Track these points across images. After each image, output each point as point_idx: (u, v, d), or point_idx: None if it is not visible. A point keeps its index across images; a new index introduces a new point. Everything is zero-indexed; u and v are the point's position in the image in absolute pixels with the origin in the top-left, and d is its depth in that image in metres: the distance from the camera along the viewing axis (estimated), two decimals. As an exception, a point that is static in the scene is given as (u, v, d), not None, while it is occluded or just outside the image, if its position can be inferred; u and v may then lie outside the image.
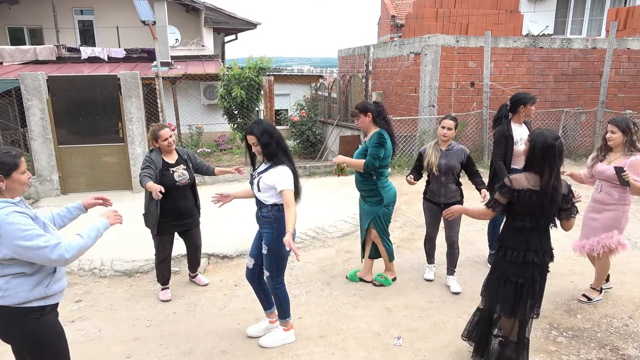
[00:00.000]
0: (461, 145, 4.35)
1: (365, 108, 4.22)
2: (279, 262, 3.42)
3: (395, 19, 21.51)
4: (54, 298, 2.38)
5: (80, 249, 2.26)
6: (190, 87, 12.71)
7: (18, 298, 2.23)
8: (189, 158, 4.29)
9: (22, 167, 2.29)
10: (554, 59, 9.92)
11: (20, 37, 15.06)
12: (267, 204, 3.29)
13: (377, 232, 4.43)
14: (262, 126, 3.24)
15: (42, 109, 7.40)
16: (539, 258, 2.88)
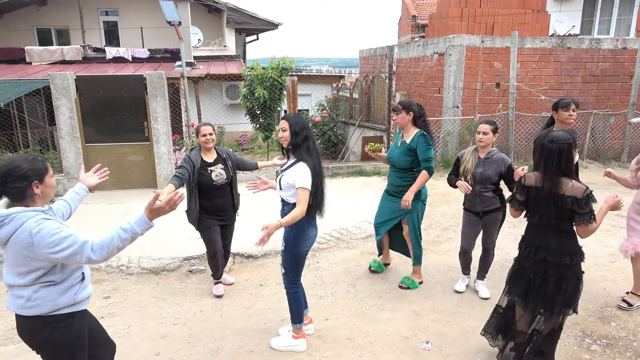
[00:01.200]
0: (502, 155, 4.08)
1: (410, 106, 4.23)
2: (294, 261, 3.38)
3: (417, 19, 21.36)
4: (81, 304, 2.37)
5: (109, 249, 2.15)
6: (212, 87, 12.81)
7: (48, 306, 2.22)
8: (228, 157, 4.28)
9: (50, 170, 2.31)
10: (582, 60, 9.71)
11: (48, 37, 15.38)
12: (290, 202, 3.25)
13: (410, 228, 4.42)
14: (298, 118, 3.27)
15: (71, 108, 7.53)
16: (553, 257, 2.88)
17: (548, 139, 2.86)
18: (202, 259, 5.22)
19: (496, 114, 9.34)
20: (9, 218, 2.09)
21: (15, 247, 2.10)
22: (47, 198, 2.29)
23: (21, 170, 2.14)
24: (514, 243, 5.50)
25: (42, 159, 2.27)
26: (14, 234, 2.09)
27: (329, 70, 42.60)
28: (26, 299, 2.19)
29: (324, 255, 5.32)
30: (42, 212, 2.18)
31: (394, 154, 4.35)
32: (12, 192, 2.15)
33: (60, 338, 2.29)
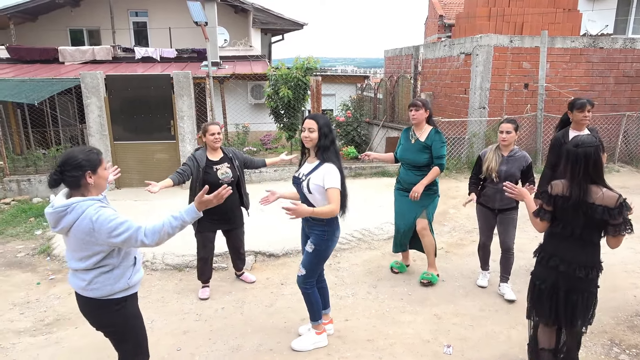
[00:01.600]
0: (524, 152, 4.17)
1: (427, 104, 4.37)
2: (320, 263, 3.36)
3: (443, 19, 21.11)
4: (134, 288, 2.58)
5: (160, 234, 2.33)
6: (237, 86, 12.93)
7: (106, 290, 2.42)
8: (235, 156, 4.27)
9: (104, 162, 2.47)
10: (615, 60, 9.42)
11: (80, 38, 15.80)
12: (319, 205, 3.15)
13: (428, 222, 4.50)
14: (326, 119, 3.21)
15: (100, 107, 7.72)
16: (566, 268, 2.74)
17: (573, 143, 2.70)
18: (224, 257, 5.27)
19: (524, 115, 9.14)
20: (70, 207, 2.28)
21: (78, 234, 2.29)
22: (100, 189, 2.46)
23: (76, 160, 2.32)
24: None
25: (97, 152, 2.44)
26: (75, 221, 2.28)
27: (354, 70, 42.49)
28: (87, 282, 2.40)
29: (345, 256, 5.31)
30: (99, 200, 2.37)
31: (409, 152, 4.39)
32: (68, 180, 2.33)
33: (117, 320, 2.52)
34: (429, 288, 4.52)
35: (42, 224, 6.57)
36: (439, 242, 5.68)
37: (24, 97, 8.41)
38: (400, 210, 4.59)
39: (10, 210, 7.21)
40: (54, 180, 2.34)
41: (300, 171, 3.28)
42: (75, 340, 3.71)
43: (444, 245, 5.60)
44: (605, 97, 9.51)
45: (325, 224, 3.22)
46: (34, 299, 4.49)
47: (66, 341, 3.71)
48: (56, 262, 5.34)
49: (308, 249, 3.31)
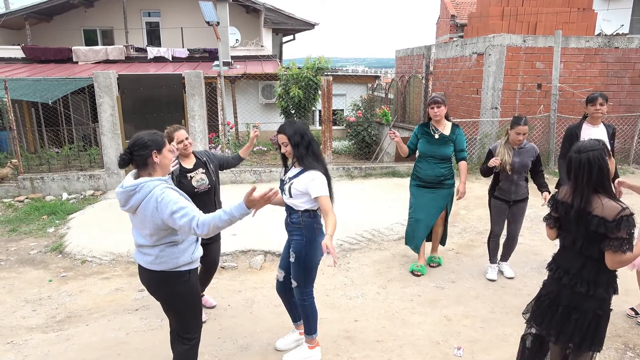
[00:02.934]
0: (532, 144, 4.44)
1: (445, 101, 4.61)
2: (307, 272, 3.19)
3: (455, 19, 20.98)
4: (196, 262, 2.73)
5: (210, 227, 2.37)
6: (249, 86, 12.97)
7: (172, 263, 2.58)
8: (209, 159, 3.87)
9: (168, 144, 2.63)
10: (631, 60, 9.27)
11: (93, 38, 15.98)
12: (299, 209, 3.11)
13: (446, 213, 4.82)
14: (294, 126, 3.08)
15: (112, 106, 7.79)
16: (569, 280, 2.50)
17: (575, 149, 2.49)
18: (235, 256, 5.29)
19: (537, 116, 9.04)
20: (139, 187, 2.44)
21: (144, 212, 2.45)
22: (165, 169, 2.61)
23: (143, 140, 2.50)
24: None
25: (161, 134, 2.61)
26: (143, 200, 2.43)
27: (365, 70, 42.36)
28: (155, 257, 2.55)
29: (355, 256, 5.29)
30: (165, 181, 2.52)
31: (434, 146, 4.57)
32: (137, 159, 2.50)
33: (182, 291, 2.66)
34: (440, 290, 4.49)
35: (54, 221, 6.65)
36: (449, 242, 5.65)
37: (39, 97, 8.53)
38: (424, 205, 4.69)
39: (24, 207, 7.30)
40: (123, 160, 2.50)
41: (287, 174, 3.21)
42: (86, 337, 3.74)
43: (454, 246, 5.56)
44: (620, 98, 9.36)
45: (303, 227, 3.11)
46: (45, 296, 4.54)
47: (77, 338, 3.74)
48: (67, 259, 5.39)
49: (291, 259, 3.19)
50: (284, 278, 3.38)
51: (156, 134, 2.58)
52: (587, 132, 4.32)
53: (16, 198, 7.76)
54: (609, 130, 4.39)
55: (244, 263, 5.16)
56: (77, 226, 6.27)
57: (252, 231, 5.97)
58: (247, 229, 6.03)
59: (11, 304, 4.36)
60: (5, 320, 4.08)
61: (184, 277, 2.65)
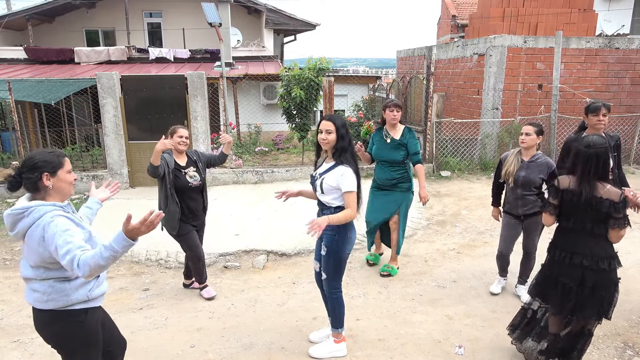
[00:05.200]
0: (547, 158, 3.94)
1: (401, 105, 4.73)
2: (337, 265, 3.29)
3: (456, 19, 21.00)
4: (96, 301, 2.39)
5: (91, 266, 2.03)
6: (250, 87, 13.01)
7: (62, 302, 2.26)
8: (199, 158, 4.27)
9: (67, 166, 2.30)
10: (631, 61, 9.31)
11: (95, 39, 16.02)
12: (332, 206, 3.16)
13: (401, 218, 4.74)
14: (343, 119, 3.17)
15: (115, 107, 7.83)
16: (590, 262, 2.87)
17: (584, 144, 2.87)
18: (237, 256, 5.33)
19: (538, 117, 9.07)
20: (28, 211, 2.15)
21: (30, 241, 2.16)
22: (63, 194, 2.30)
23: (33, 161, 2.22)
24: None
25: (59, 154, 2.29)
26: (30, 227, 2.14)
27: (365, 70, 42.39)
28: (41, 293, 2.23)
29: (357, 256, 5.32)
30: (60, 207, 2.21)
31: (385, 150, 4.62)
32: (25, 182, 2.22)
33: (74, 333, 2.32)
34: (441, 289, 4.53)
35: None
36: (450, 243, 5.69)
37: (41, 97, 8.57)
38: (376, 207, 4.77)
39: (28, 208, 7.33)
40: (10, 184, 2.24)
41: (317, 170, 3.28)
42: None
43: (455, 246, 5.59)
44: (620, 99, 9.39)
45: (335, 225, 3.15)
46: (51, 295, 4.58)
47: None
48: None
49: (322, 252, 3.28)
50: (319, 269, 3.45)
51: (52, 154, 2.27)
52: None
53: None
54: (611, 141, 3.93)
55: (246, 263, 5.20)
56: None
57: (254, 231, 6.02)
58: (249, 229, 6.09)
59: (17, 303, 4.40)
60: (11, 318, 4.12)
61: (76, 317, 2.30)
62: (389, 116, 4.57)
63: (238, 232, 5.99)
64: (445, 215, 6.68)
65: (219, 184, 8.41)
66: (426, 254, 5.35)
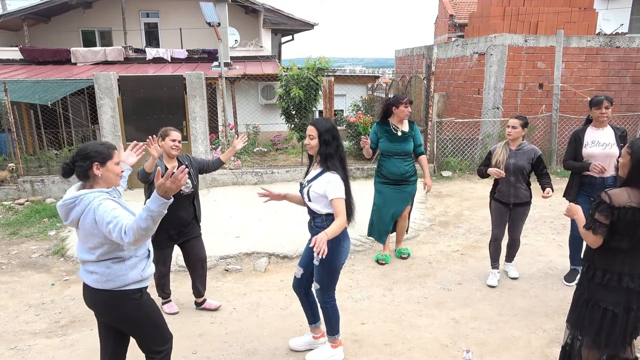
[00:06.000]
0: (532, 146, 4.34)
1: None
2: (331, 275, 3.17)
3: (454, 18, 20.97)
4: (148, 281, 2.57)
5: (134, 230, 2.14)
6: (249, 87, 12.92)
7: (119, 281, 2.41)
8: (190, 163, 3.96)
9: (116, 158, 2.47)
10: (632, 60, 9.27)
11: (92, 39, 15.91)
12: (321, 214, 3.07)
13: (411, 207, 5.12)
14: (328, 124, 3.02)
15: (113, 107, 7.74)
16: (637, 284, 2.54)
17: None
18: (239, 259, 5.25)
19: (539, 116, 9.02)
20: (78, 199, 2.32)
21: (85, 225, 2.32)
22: (110, 183, 2.45)
23: (85, 151, 2.39)
24: (559, 250, 5.31)
25: (109, 147, 2.47)
26: (82, 213, 2.31)
27: (362, 70, 42.31)
28: (100, 274, 2.39)
29: (360, 258, 5.25)
30: (107, 192, 2.38)
31: (398, 143, 4.76)
32: (78, 170, 2.39)
33: (135, 313, 2.50)
34: (446, 291, 4.46)
35: (55, 224, 6.59)
36: (454, 244, 5.63)
37: (37, 98, 8.46)
38: (391, 201, 4.88)
39: (25, 210, 7.25)
40: (64, 170, 2.42)
41: (306, 177, 3.17)
42: (90, 342, 3.69)
43: (459, 247, 5.53)
44: (621, 97, 9.35)
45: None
46: (48, 300, 4.49)
47: (82, 343, 3.69)
48: (70, 262, 5.35)
49: (315, 262, 3.15)
50: (301, 275, 3.36)
51: (103, 146, 2.46)
52: (592, 135, 4.21)
53: (16, 201, 7.70)
54: (616, 132, 4.20)
55: (248, 265, 5.12)
56: (79, 229, 6.22)
57: (255, 233, 5.94)
58: (250, 231, 6.01)
59: (14, 309, 4.32)
60: (8, 325, 4.03)
61: (134, 296, 2.47)
62: (404, 112, 4.72)
63: (239, 234, 5.91)
64: (448, 216, 6.61)
65: (218, 185, 8.33)
66: (430, 256, 5.28)
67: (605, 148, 4.13)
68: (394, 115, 4.77)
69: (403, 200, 4.92)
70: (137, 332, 2.60)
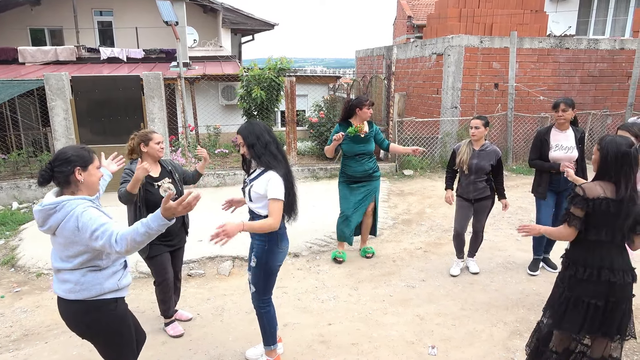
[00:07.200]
0: (495, 147, 4.49)
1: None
2: (267, 278, 3.09)
3: (412, 20, 21.35)
4: (123, 291, 2.49)
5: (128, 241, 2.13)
6: (209, 87, 12.70)
7: (95, 290, 2.33)
8: (174, 169, 3.75)
9: (97, 162, 2.39)
10: (580, 60, 9.71)
11: (41, 38, 15.20)
12: (261, 215, 2.96)
13: (375, 203, 5.13)
14: (250, 127, 2.97)
15: (66, 109, 7.41)
16: (617, 277, 2.61)
17: (627, 145, 2.57)
18: (202, 263, 5.14)
19: (495, 115, 9.30)
20: (59, 205, 2.22)
21: (65, 233, 2.22)
22: (92, 188, 2.38)
23: (66, 155, 2.29)
24: (517, 244, 5.49)
25: (89, 150, 2.39)
26: (62, 220, 2.21)
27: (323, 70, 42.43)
28: (74, 283, 2.30)
29: (325, 258, 5.25)
30: (90, 200, 2.31)
31: (362, 143, 4.83)
32: (57, 175, 2.28)
33: (109, 322, 2.42)
34: (411, 289, 4.52)
35: (4, 232, 6.25)
36: (417, 241, 5.71)
37: (-18, 100, 8.00)
38: (357, 201, 4.96)
39: (-30, 219, 6.83)
40: (42, 177, 2.29)
41: (249, 176, 3.10)
42: (45, 356, 3.52)
43: (422, 245, 5.62)
44: (571, 96, 9.75)
45: (265, 233, 2.97)
46: (-2, 313, 4.25)
47: (36, 357, 3.51)
48: (21, 273, 5.07)
49: (252, 263, 3.07)
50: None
51: (83, 149, 2.36)
52: (556, 138, 4.39)
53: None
54: (576, 135, 4.38)
55: (211, 270, 5.02)
56: (31, 237, 5.91)
57: (218, 236, 5.82)
58: (213, 234, 5.89)
59: (-40, 324, 4.05)
60: (-47, 342, 3.78)
61: (109, 306, 2.38)
62: (366, 113, 4.79)
63: (201, 237, 5.76)
64: (411, 214, 6.71)
65: (178, 188, 8.12)
66: (394, 254, 5.34)
67: (567, 152, 4.34)
68: (356, 117, 4.80)
69: (369, 196, 5.01)
70: (106, 346, 2.50)
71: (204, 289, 4.61)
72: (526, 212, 6.61)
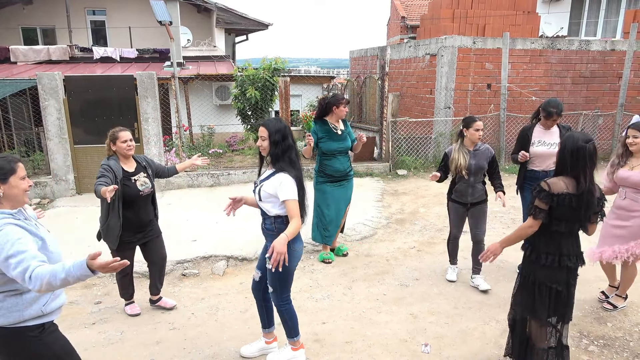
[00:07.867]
0: (487, 145, 4.44)
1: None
2: (283, 278, 3.12)
3: (406, 20, 21.45)
4: (52, 315, 2.27)
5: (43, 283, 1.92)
6: (203, 87, 12.69)
7: (13, 317, 2.12)
8: (148, 164, 3.97)
9: (21, 172, 2.18)
10: (571, 61, 9.80)
11: (33, 37, 15.11)
12: (270, 215, 3.05)
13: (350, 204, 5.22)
14: (279, 124, 3.01)
15: (59, 109, 7.39)
16: (573, 262, 2.84)
17: (583, 140, 2.69)
18: (196, 263, 5.15)
19: (487, 115, 9.37)
20: None
21: None
22: (15, 201, 2.17)
23: None
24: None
25: (11, 159, 2.18)
26: None
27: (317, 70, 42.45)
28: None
29: (317, 258, 5.27)
30: (10, 215, 2.10)
31: (340, 141, 4.85)
32: None
33: (37, 350, 2.19)
34: (404, 288, 4.55)
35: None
36: (410, 241, 5.76)
37: (-25, 99, 7.96)
38: (337, 201, 5.00)
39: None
40: None
41: (260, 177, 3.16)
42: None
43: (415, 244, 5.66)
44: (563, 97, 9.86)
45: (276, 234, 2.98)
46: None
47: None
48: (15, 273, 5.05)
49: (268, 265, 3.06)
50: (259, 278, 3.33)
51: (4, 159, 2.15)
52: (539, 135, 4.46)
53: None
54: (562, 131, 4.42)
55: (206, 269, 5.03)
56: (23, 237, 5.90)
57: (213, 236, 5.84)
58: (207, 234, 5.90)
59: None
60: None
61: (32, 333, 2.16)
62: (343, 112, 4.82)
63: (195, 237, 5.79)
64: (404, 214, 6.75)
65: (173, 188, 8.13)
66: (387, 253, 5.38)
67: (550, 148, 4.39)
68: (333, 115, 4.83)
69: (347, 196, 5.07)
70: None
71: (199, 288, 4.62)
72: (518, 212, 6.63)
